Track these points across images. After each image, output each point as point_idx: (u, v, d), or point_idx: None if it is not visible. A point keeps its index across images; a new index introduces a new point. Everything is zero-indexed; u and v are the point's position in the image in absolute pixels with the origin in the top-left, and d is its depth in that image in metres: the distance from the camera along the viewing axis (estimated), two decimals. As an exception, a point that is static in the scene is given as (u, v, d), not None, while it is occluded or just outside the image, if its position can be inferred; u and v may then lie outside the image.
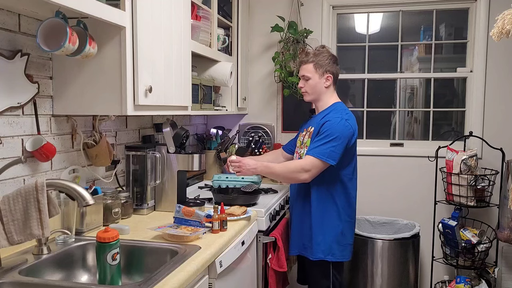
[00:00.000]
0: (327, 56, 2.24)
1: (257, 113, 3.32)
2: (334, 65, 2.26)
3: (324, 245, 2.21)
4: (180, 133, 2.21)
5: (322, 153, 2.09)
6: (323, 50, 2.28)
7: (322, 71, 2.22)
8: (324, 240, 2.21)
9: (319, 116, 2.28)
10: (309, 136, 2.28)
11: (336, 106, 2.26)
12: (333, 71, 2.24)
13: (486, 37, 2.91)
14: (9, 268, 1.36)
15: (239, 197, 2.34)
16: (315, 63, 2.23)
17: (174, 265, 1.42)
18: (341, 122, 2.13)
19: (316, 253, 2.22)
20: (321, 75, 2.23)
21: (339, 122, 2.13)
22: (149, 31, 1.74)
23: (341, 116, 2.16)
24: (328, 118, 2.17)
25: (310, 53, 2.30)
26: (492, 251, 2.86)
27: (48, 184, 1.37)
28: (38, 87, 1.64)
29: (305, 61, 2.27)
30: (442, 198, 2.96)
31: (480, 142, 2.94)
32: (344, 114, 2.19)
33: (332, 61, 2.25)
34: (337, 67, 2.29)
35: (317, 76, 2.23)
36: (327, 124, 2.15)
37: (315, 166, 2.10)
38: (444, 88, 3.20)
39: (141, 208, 2.13)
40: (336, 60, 2.29)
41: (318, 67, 2.22)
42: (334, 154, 2.10)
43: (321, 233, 2.21)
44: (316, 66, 2.22)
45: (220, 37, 2.66)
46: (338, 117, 2.16)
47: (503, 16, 1.82)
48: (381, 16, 3.23)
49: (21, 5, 1.49)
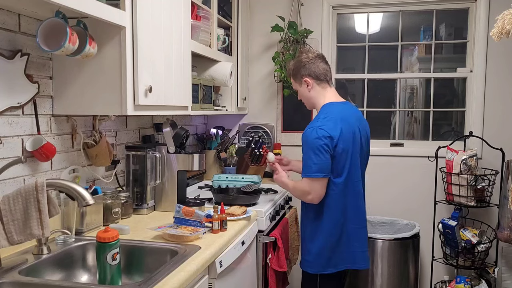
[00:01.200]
0: (300, 60, 2.14)
1: (257, 113, 3.32)
2: (310, 65, 2.11)
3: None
4: (180, 133, 2.21)
5: (309, 170, 1.98)
6: (299, 56, 2.19)
7: (299, 78, 2.15)
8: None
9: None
10: None
11: (321, 111, 2.11)
12: (308, 72, 2.11)
13: (486, 37, 2.91)
14: (9, 268, 1.36)
15: (239, 197, 2.35)
16: (292, 74, 2.19)
17: (174, 265, 1.42)
18: (312, 133, 1.98)
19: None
20: (300, 83, 2.16)
21: (310, 133, 1.99)
22: (149, 31, 1.74)
23: (312, 124, 2.03)
24: (306, 129, 2.04)
25: (289, 66, 2.24)
26: (492, 251, 2.86)
27: (48, 184, 1.37)
28: (38, 87, 1.64)
29: (288, 75, 2.26)
30: (442, 198, 2.96)
31: (480, 142, 2.94)
32: (320, 120, 2.02)
33: (307, 62, 2.11)
34: (317, 64, 2.11)
35: (298, 85, 2.18)
36: (303, 138, 2.04)
37: (311, 185, 1.99)
38: (444, 88, 3.20)
39: (141, 208, 2.13)
40: (316, 58, 2.13)
41: (295, 77, 2.17)
42: (317, 166, 1.96)
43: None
44: (293, 77, 2.18)
45: (220, 37, 2.66)
46: (311, 127, 2.01)
47: (503, 16, 1.82)
48: (381, 16, 3.23)
49: (21, 5, 1.49)
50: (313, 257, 2.09)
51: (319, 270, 2.08)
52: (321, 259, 2.07)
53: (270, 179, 3.08)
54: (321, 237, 2.06)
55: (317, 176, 1.97)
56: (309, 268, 2.11)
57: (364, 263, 2.12)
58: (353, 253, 2.09)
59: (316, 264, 2.08)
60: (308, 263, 2.11)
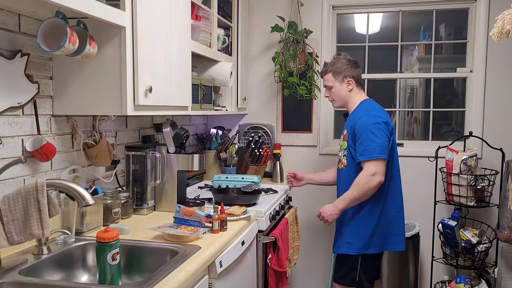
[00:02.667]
0: (344, 62, 2.37)
1: (257, 113, 3.32)
2: (353, 69, 2.37)
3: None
4: (180, 133, 2.21)
5: (372, 152, 2.17)
6: (339, 57, 2.41)
7: (342, 77, 2.36)
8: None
9: (350, 118, 2.39)
10: (344, 139, 2.37)
11: (362, 104, 2.36)
12: (352, 74, 2.36)
13: (486, 37, 2.91)
14: (9, 268, 1.36)
15: (239, 197, 2.35)
16: (333, 71, 2.37)
17: (174, 265, 1.42)
18: (370, 119, 2.23)
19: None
20: (341, 81, 2.36)
21: (368, 119, 2.23)
22: (149, 31, 1.74)
23: (367, 113, 2.27)
24: (357, 119, 2.28)
25: (327, 64, 2.44)
26: (492, 251, 2.86)
27: (48, 184, 1.37)
28: (38, 87, 1.64)
29: (324, 71, 2.42)
30: (442, 198, 2.96)
31: (480, 142, 2.94)
32: (371, 110, 2.28)
33: (349, 65, 2.37)
34: (357, 69, 2.40)
35: (338, 83, 2.37)
36: (357, 125, 2.25)
37: (378, 166, 2.17)
38: (444, 88, 3.20)
39: (141, 208, 2.13)
40: (354, 63, 2.40)
41: (337, 75, 2.36)
42: (380, 148, 2.18)
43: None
44: (334, 74, 2.37)
45: (220, 37, 2.66)
46: (365, 115, 2.26)
47: (503, 16, 1.82)
48: (381, 16, 3.23)
49: (21, 5, 1.49)
50: (359, 238, 2.28)
51: (361, 251, 2.28)
52: (364, 240, 2.27)
53: (270, 179, 3.08)
54: (372, 219, 2.27)
55: (381, 157, 2.18)
56: (351, 250, 2.29)
57: (401, 245, 2.35)
58: (392, 236, 2.32)
59: (359, 246, 2.28)
60: (350, 245, 2.29)
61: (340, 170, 2.43)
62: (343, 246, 2.33)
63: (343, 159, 2.37)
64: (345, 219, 2.34)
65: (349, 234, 2.31)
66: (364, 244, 2.28)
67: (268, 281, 2.23)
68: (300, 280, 2.95)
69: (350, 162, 2.32)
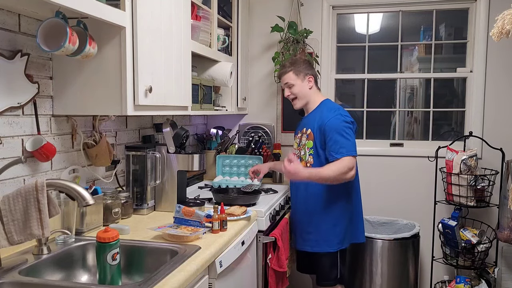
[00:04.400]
0: (302, 61, 2.45)
1: (257, 113, 3.32)
2: (310, 68, 2.44)
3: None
4: (180, 133, 2.21)
5: (350, 149, 2.23)
6: (297, 58, 2.51)
7: (303, 75, 2.39)
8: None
9: (311, 117, 2.40)
10: (307, 138, 2.37)
11: (325, 104, 2.40)
12: (311, 73, 2.42)
13: (486, 37, 2.91)
14: (9, 268, 1.36)
15: (239, 197, 2.35)
16: (294, 70, 2.39)
17: (174, 265, 1.42)
18: (340, 118, 2.27)
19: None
20: (302, 79, 2.39)
21: (338, 119, 2.27)
22: (149, 31, 1.74)
23: (337, 113, 2.30)
24: (327, 118, 2.29)
25: (286, 64, 2.47)
26: (492, 251, 2.86)
27: (48, 184, 1.37)
28: (38, 87, 1.64)
29: (284, 72, 2.43)
30: (442, 198, 2.96)
31: (480, 142, 2.94)
32: (339, 110, 2.33)
33: (308, 65, 2.44)
34: (314, 69, 2.49)
35: (299, 81, 2.39)
36: (327, 125, 2.27)
37: (353, 162, 2.24)
38: (444, 88, 3.20)
39: (141, 208, 2.13)
40: (310, 64, 2.50)
41: (298, 73, 2.39)
42: (354, 146, 2.26)
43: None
44: (295, 72, 2.39)
45: (220, 37, 2.66)
46: (334, 115, 2.29)
47: (503, 16, 1.82)
48: (381, 16, 3.23)
49: (21, 5, 1.49)
50: (336, 235, 2.34)
51: (339, 246, 2.36)
52: (340, 236, 2.35)
53: (270, 179, 3.08)
54: (346, 214, 2.36)
55: (355, 154, 2.25)
56: (330, 248, 2.35)
57: (363, 237, 2.50)
58: (357, 230, 2.45)
59: (337, 243, 2.35)
60: (330, 243, 2.35)
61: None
62: (323, 245, 2.36)
63: (309, 158, 2.35)
64: (321, 218, 2.35)
65: (328, 232, 2.35)
66: (340, 239, 2.35)
67: (268, 281, 2.23)
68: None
69: (316, 160, 2.32)
